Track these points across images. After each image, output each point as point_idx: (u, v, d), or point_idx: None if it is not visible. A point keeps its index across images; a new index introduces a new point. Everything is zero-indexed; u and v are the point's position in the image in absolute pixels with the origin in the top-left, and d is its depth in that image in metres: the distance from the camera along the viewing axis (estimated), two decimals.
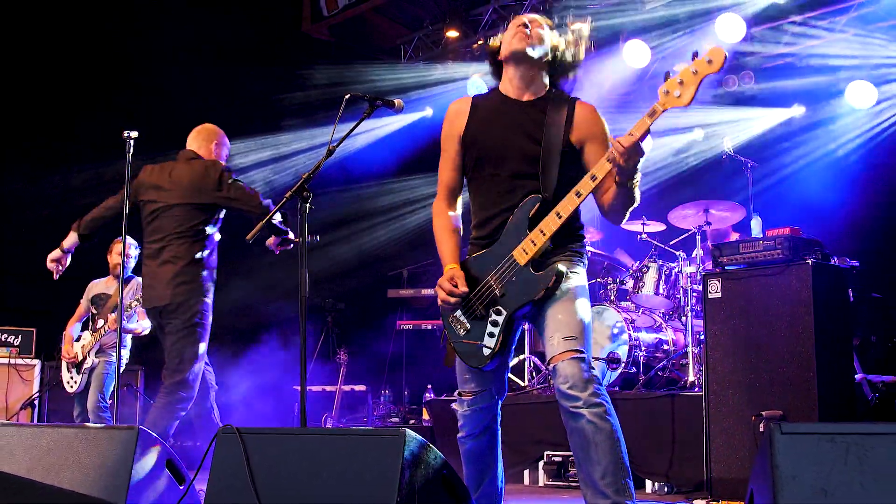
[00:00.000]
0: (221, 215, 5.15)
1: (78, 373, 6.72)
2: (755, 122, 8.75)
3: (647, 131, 3.01)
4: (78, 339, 6.83)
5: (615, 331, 7.00)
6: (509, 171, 3.32)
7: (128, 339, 6.86)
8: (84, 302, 6.99)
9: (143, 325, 6.78)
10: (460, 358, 3.37)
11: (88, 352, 6.69)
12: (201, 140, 5.29)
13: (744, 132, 8.70)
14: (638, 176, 3.11)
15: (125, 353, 6.85)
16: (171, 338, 4.95)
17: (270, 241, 5.09)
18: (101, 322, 6.70)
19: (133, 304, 6.50)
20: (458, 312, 3.35)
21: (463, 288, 3.27)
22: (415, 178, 10.24)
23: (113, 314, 6.55)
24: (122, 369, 6.19)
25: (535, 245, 3.18)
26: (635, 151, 3.00)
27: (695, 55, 3.01)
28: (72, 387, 6.75)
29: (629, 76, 9.10)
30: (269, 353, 8.73)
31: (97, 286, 7.00)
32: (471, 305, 3.31)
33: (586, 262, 3.42)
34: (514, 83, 3.38)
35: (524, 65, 3.35)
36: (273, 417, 8.29)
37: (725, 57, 2.95)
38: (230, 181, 5.02)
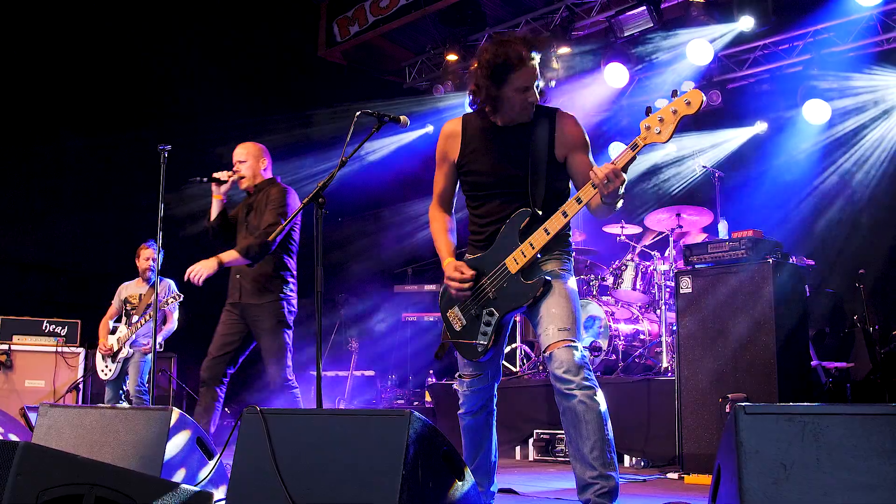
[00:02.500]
0: None
1: (113, 362, 6.72)
2: (727, 143, 8.75)
3: (630, 161, 3.01)
4: (113, 332, 6.83)
5: (597, 322, 7.01)
6: (501, 193, 3.30)
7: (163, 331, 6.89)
8: (116, 302, 6.99)
9: (169, 328, 6.86)
10: (458, 351, 3.38)
11: (123, 343, 6.69)
12: None
13: (718, 152, 8.70)
14: (621, 192, 3.10)
15: (160, 341, 6.87)
16: None
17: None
18: (135, 317, 6.70)
19: (170, 301, 6.51)
20: (456, 309, 3.36)
21: (469, 272, 3.27)
22: (416, 188, 10.24)
23: (148, 311, 6.57)
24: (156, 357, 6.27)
25: (524, 256, 3.18)
26: (616, 177, 2.99)
27: (674, 93, 2.99)
28: (106, 374, 6.75)
29: (609, 95, 9.12)
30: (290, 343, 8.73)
31: (127, 288, 7.01)
32: (467, 305, 3.32)
33: (573, 261, 3.43)
34: (505, 119, 3.29)
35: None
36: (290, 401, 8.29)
37: (702, 101, 2.94)
38: None
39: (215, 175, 4.96)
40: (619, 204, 3.17)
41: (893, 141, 8.08)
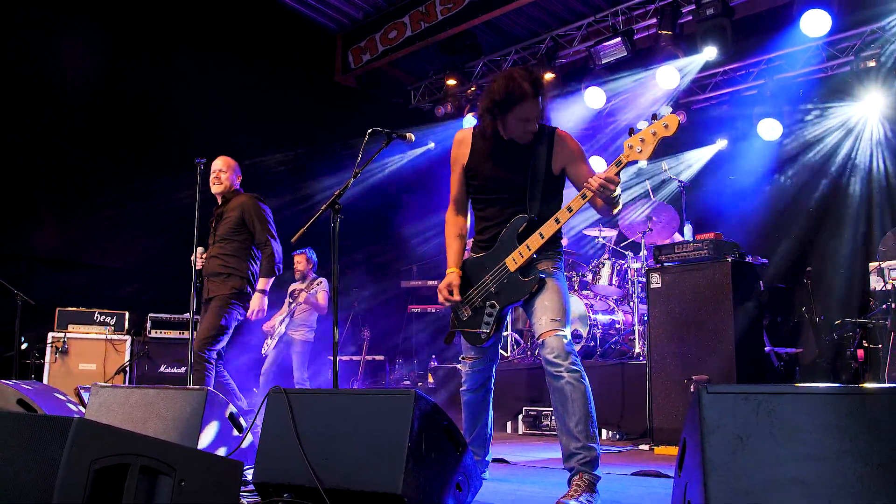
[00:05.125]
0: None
1: (272, 339, 7.17)
2: (692, 159, 8.75)
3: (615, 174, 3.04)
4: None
5: (578, 313, 7.01)
6: (503, 198, 3.31)
7: (314, 318, 7.35)
8: (287, 299, 7.40)
9: (320, 310, 7.30)
10: (464, 337, 3.40)
11: (280, 321, 7.13)
12: None
13: (684, 166, 8.70)
14: (619, 194, 3.12)
15: (311, 334, 7.36)
16: None
17: None
18: (293, 305, 7.18)
19: (314, 286, 7.08)
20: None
21: (456, 298, 3.33)
22: (419, 195, 10.24)
23: (302, 303, 7.16)
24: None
25: (522, 257, 3.20)
26: (610, 183, 3.01)
27: (654, 116, 2.99)
28: (264, 350, 7.21)
29: (589, 115, 9.12)
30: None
31: (294, 285, 7.46)
32: (471, 297, 3.34)
33: (563, 260, 3.45)
34: (507, 135, 3.26)
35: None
36: (311, 381, 8.29)
37: (679, 124, 2.95)
38: None
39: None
40: (620, 206, 3.21)
41: (835, 155, 8.09)
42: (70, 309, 7.15)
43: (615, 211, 3.22)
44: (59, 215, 7.71)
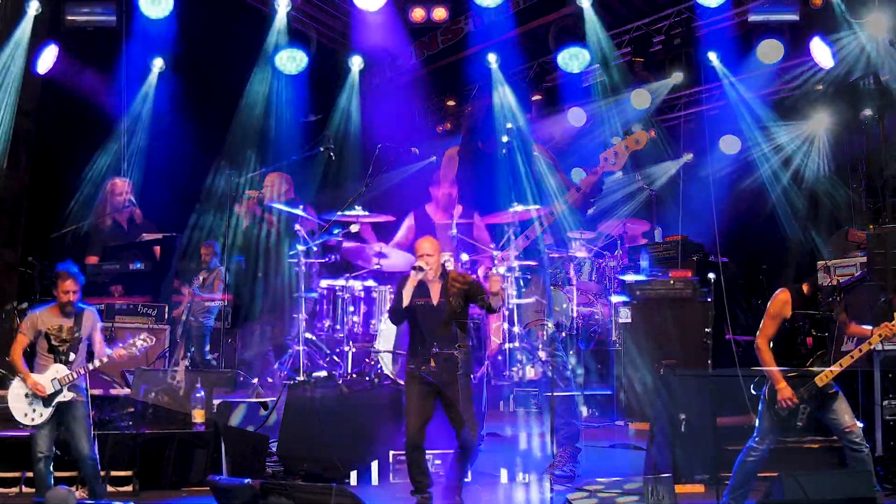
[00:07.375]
0: None
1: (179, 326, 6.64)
2: (662, 170, 8.74)
3: (592, 182, 3.08)
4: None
5: (562, 306, 7.00)
6: None
7: (214, 305, 6.62)
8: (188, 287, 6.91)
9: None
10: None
11: (183, 310, 6.63)
12: None
13: (655, 177, 8.69)
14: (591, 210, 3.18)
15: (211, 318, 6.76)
16: None
17: None
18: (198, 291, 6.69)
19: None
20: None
21: None
22: (422, 202, 10.22)
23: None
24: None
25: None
26: (583, 199, 3.07)
27: (626, 132, 3.03)
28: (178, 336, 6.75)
29: (572, 132, 9.12)
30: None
31: (201, 274, 6.86)
32: None
33: (546, 258, 3.47)
34: (489, 151, 3.35)
35: None
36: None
37: (648, 139, 3.00)
38: None
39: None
40: (591, 210, 3.26)
41: (788, 166, 8.11)
42: (116, 301, 7.14)
43: (590, 209, 3.27)
44: None
